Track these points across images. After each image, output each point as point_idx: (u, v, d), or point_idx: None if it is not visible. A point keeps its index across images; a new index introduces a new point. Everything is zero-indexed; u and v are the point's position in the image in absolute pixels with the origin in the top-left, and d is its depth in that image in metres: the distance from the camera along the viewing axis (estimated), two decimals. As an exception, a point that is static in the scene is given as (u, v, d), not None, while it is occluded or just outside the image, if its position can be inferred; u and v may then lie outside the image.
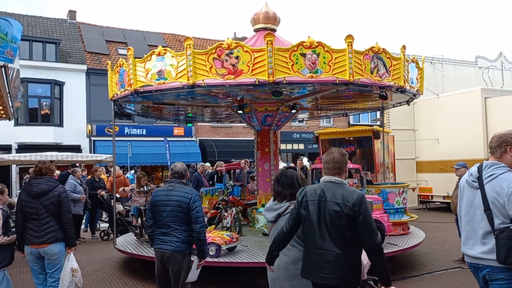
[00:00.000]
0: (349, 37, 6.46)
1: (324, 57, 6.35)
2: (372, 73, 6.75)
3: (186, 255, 4.58)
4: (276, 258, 3.65)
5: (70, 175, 10.94)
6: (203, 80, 6.38)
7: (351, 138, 13.12)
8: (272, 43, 6.22)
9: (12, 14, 23.85)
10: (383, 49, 6.95)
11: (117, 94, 7.97)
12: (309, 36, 6.37)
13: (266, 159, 9.25)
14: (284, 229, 3.58)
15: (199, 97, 8.57)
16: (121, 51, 25.89)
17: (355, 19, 75.10)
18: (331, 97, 9.38)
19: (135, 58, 7.05)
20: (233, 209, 8.81)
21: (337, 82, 6.47)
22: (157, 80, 6.70)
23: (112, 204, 11.55)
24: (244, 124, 10.89)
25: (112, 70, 8.44)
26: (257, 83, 6.32)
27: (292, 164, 15.43)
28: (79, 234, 10.86)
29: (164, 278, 4.68)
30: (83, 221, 12.07)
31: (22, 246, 5.05)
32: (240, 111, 8.88)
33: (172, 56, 6.60)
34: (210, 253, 6.60)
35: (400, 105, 10.10)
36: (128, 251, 7.95)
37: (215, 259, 6.73)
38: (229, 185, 10.71)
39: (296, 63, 6.29)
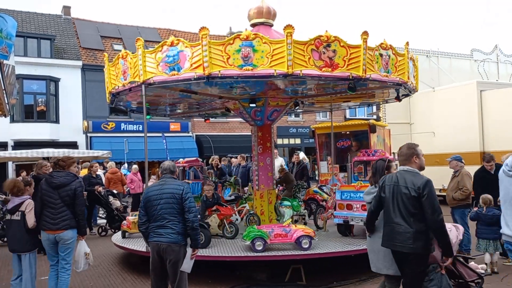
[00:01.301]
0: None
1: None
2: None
3: (182, 246, 4.70)
4: (371, 230, 4.67)
5: None
6: (300, 71, 6.35)
7: (348, 132, 13.16)
8: (366, 41, 6.63)
9: (6, 10, 23.71)
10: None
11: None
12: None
13: (268, 153, 9.25)
14: (372, 208, 4.61)
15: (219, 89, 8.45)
16: (116, 47, 25.80)
17: (351, 12, 75.02)
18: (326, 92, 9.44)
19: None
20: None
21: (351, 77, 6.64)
22: (242, 66, 6.34)
23: (110, 200, 11.59)
24: (240, 120, 10.83)
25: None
26: (350, 77, 6.64)
27: (302, 156, 15.36)
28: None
29: (160, 271, 4.75)
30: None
31: (39, 230, 5.62)
32: (252, 104, 8.70)
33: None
34: (304, 246, 6.74)
35: (400, 100, 10.08)
36: (126, 247, 7.99)
37: (211, 254, 6.77)
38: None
39: (377, 62, 6.88)
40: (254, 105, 8.64)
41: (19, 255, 5.65)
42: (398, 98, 8.31)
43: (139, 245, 7.78)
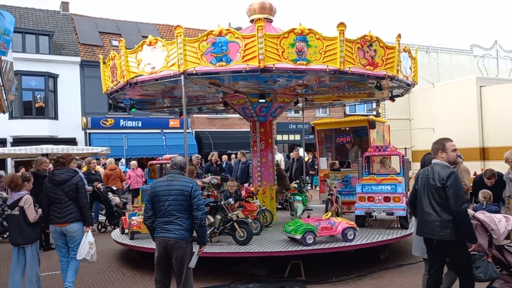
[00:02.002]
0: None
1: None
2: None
3: (189, 242, 4.71)
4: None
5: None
6: (349, 68, 6.65)
7: (347, 128, 13.13)
8: (399, 42, 7.23)
9: (4, 6, 23.59)
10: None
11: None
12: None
13: (269, 149, 9.28)
14: (409, 200, 5.06)
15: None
16: (115, 43, 25.74)
17: (351, 7, 74.82)
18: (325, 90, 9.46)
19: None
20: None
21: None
22: (296, 60, 6.42)
23: (109, 197, 11.58)
24: (240, 116, 10.80)
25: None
26: (386, 76, 7.11)
27: (297, 153, 15.48)
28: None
29: (165, 266, 4.77)
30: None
31: (47, 224, 6.01)
32: (261, 100, 8.74)
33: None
34: (349, 237, 6.93)
35: (401, 95, 10.07)
36: (125, 243, 8.00)
37: (211, 250, 6.77)
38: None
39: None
40: (263, 100, 8.67)
41: (20, 248, 5.89)
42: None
43: (138, 241, 7.80)
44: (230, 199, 7.48)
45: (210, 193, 9.12)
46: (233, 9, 68.80)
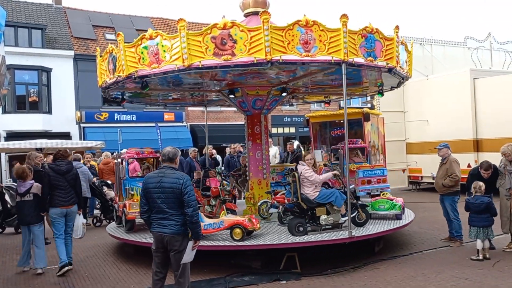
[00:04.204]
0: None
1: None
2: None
3: (186, 236, 4.70)
4: None
5: (78, 162, 10.88)
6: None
7: (342, 121, 13.15)
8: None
9: (-4, -1, 23.35)
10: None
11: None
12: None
13: (257, 144, 9.27)
14: None
15: (193, 81, 8.45)
16: (108, 36, 25.54)
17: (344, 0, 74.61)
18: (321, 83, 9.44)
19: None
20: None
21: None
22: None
23: (103, 191, 11.56)
24: (235, 109, 10.82)
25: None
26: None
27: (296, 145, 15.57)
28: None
29: (162, 259, 4.79)
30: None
31: (47, 208, 7.06)
32: (231, 95, 8.84)
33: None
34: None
35: (392, 89, 10.10)
36: (120, 237, 8.01)
37: (206, 243, 6.79)
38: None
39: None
40: (233, 96, 8.76)
41: (29, 228, 7.12)
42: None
43: (133, 235, 7.82)
44: None
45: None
46: (227, 1, 68.42)
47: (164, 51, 6.65)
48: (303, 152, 13.44)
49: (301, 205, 7.28)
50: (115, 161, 10.17)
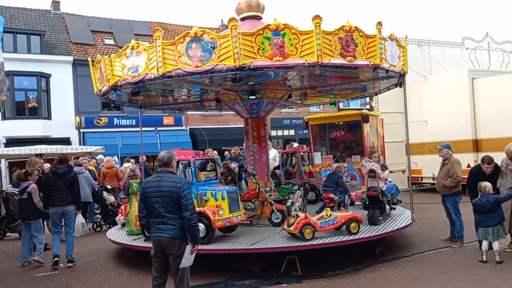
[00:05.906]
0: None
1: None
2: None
3: (184, 240, 4.69)
4: None
5: (81, 168, 10.91)
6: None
7: (341, 123, 13.18)
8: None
9: (-6, 6, 23.40)
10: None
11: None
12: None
13: (263, 147, 9.37)
14: None
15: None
16: (107, 41, 25.58)
17: (341, 1, 74.74)
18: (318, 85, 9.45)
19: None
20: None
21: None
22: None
23: (103, 196, 11.56)
24: (234, 112, 10.79)
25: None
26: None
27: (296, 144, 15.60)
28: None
29: (161, 263, 4.79)
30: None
31: (47, 206, 7.81)
32: (252, 96, 8.73)
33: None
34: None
35: (389, 89, 10.10)
36: (121, 242, 8.00)
37: (207, 247, 6.78)
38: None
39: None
40: (253, 97, 8.69)
41: (27, 224, 7.98)
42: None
43: (133, 240, 7.82)
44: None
45: None
46: (226, 4, 68.54)
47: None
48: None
49: (379, 197, 8.05)
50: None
